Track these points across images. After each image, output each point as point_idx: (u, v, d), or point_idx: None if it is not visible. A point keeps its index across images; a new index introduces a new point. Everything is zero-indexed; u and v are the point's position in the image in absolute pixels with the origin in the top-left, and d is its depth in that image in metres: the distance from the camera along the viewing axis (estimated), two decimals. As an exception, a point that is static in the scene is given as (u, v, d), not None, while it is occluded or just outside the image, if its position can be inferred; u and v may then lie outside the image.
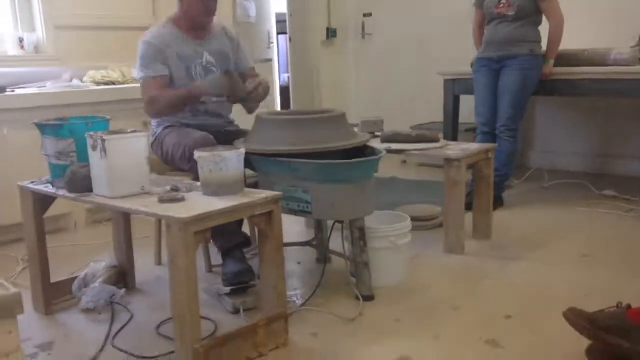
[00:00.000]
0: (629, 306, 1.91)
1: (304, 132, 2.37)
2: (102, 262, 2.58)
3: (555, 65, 3.68)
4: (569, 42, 3.69)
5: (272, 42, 5.70)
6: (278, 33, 6.76)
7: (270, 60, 5.69)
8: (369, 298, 2.40)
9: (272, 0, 5.61)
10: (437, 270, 2.73)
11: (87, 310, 2.38)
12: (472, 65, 3.87)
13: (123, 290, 2.49)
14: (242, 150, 2.03)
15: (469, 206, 3.06)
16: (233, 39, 2.86)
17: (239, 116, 2.94)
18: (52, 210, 2.41)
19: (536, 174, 4.46)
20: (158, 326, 2.23)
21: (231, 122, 2.88)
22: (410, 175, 4.76)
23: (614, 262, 2.75)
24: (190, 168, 2.48)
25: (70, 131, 2.17)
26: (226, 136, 2.68)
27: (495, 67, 3.65)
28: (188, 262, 1.79)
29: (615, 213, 3.49)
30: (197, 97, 2.60)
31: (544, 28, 3.62)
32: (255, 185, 2.41)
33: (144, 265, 2.85)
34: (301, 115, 2.54)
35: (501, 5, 3.56)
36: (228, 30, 2.88)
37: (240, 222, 2.58)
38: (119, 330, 2.23)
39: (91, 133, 2.03)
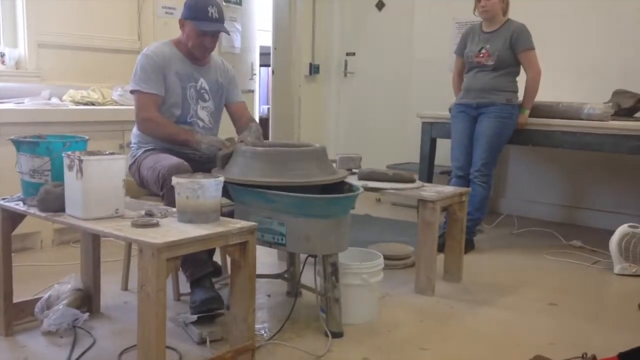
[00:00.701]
0: (594, 357, 1.94)
1: (284, 165, 2.38)
2: (67, 285, 2.52)
3: (530, 116, 3.78)
4: (545, 95, 3.80)
5: (255, 74, 5.75)
6: (260, 65, 6.82)
7: (252, 91, 5.73)
8: (338, 335, 2.38)
9: (257, 33, 5.68)
10: (407, 310, 2.73)
11: (49, 333, 2.32)
12: (450, 110, 3.95)
13: (87, 314, 2.43)
14: (221, 179, 2.02)
15: (440, 248, 3.08)
16: (229, 72, 2.92)
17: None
18: (19, 229, 2.36)
19: (507, 220, 4.53)
20: (121, 353, 2.18)
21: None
22: (384, 213, 4.78)
23: (581, 313, 2.78)
24: (162, 194, 2.47)
25: (47, 149, 2.14)
26: (205, 164, 2.67)
27: (472, 114, 3.73)
28: (158, 289, 1.76)
29: (581, 264, 3.55)
30: (190, 145, 2.61)
31: (521, 79, 3.72)
32: (230, 215, 2.40)
33: (110, 290, 2.80)
34: (282, 148, 2.56)
35: (481, 55, 3.66)
36: (226, 64, 2.94)
37: (211, 251, 2.56)
38: (80, 356, 2.17)
39: (69, 153, 2.01)
